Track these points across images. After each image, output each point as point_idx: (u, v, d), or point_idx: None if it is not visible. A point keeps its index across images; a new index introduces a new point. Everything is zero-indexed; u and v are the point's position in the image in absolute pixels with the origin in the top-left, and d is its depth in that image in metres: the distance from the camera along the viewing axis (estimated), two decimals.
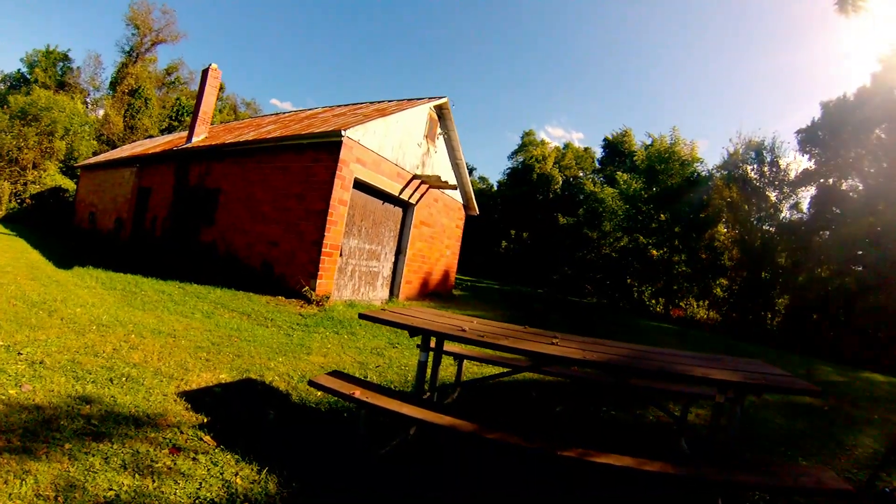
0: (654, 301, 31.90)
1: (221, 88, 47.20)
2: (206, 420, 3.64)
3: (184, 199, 14.41)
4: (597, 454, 3.01)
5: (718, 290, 31.25)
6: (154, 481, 2.72)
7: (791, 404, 6.84)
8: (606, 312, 22.77)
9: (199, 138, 16.35)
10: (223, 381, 4.60)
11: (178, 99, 45.36)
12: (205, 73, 16.74)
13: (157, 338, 5.65)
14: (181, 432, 3.36)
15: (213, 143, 14.43)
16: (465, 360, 5.46)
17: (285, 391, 4.67)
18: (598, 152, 57.66)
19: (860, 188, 26.51)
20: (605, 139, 55.14)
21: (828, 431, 5.99)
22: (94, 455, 2.85)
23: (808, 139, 28.47)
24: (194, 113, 17.05)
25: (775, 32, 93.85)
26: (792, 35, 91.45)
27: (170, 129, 39.01)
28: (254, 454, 3.21)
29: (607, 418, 5.35)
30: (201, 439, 3.32)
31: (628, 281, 34.20)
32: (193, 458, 3.04)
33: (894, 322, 22.16)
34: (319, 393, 4.51)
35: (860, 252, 24.78)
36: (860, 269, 24.89)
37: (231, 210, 12.59)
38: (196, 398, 4.05)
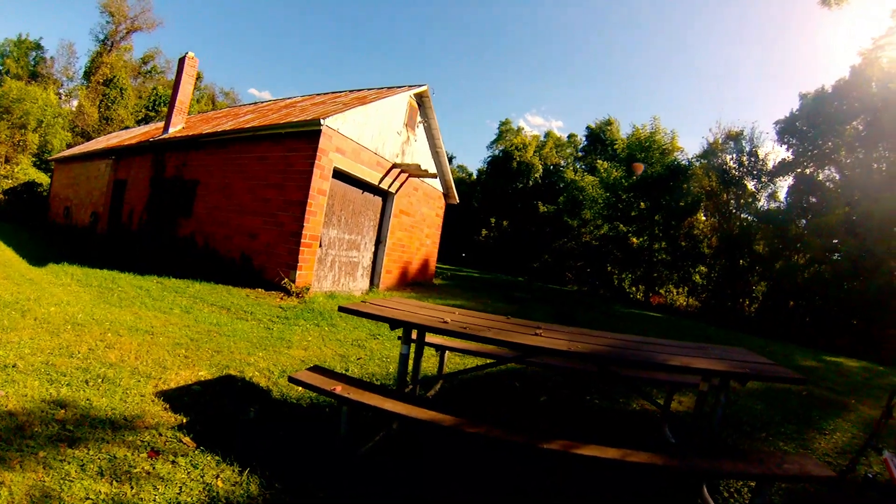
0: (634, 288, 32.24)
1: (199, 78, 46.51)
2: (185, 420, 3.58)
3: (161, 192, 14.19)
4: (581, 446, 3.01)
5: (698, 277, 31.72)
6: (132, 487, 2.66)
7: (771, 390, 6.94)
8: (587, 300, 22.88)
9: (175, 129, 16.09)
10: (202, 379, 4.53)
11: (154, 89, 44.40)
12: (181, 61, 16.45)
13: (135, 335, 5.54)
14: (160, 434, 3.29)
15: (191, 133, 14.20)
16: (447, 352, 5.45)
17: (266, 387, 4.61)
18: (582, 140, 57.74)
19: (837, 178, 27.14)
20: (588, 127, 55.24)
21: (807, 417, 6.09)
22: (69, 462, 2.77)
23: (787, 130, 29.10)
24: (171, 103, 16.75)
25: (757, 24, 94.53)
26: (773, 27, 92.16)
27: (146, 120, 38.17)
28: (235, 455, 3.17)
29: (592, 408, 5.37)
30: (181, 441, 3.26)
31: (609, 268, 34.53)
32: (173, 462, 2.98)
33: (868, 309, 22.57)
34: (301, 388, 4.46)
35: (836, 241, 25.24)
36: (836, 257, 25.37)
37: (209, 202, 12.42)
38: (175, 398, 3.98)
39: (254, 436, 3.55)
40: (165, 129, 16.24)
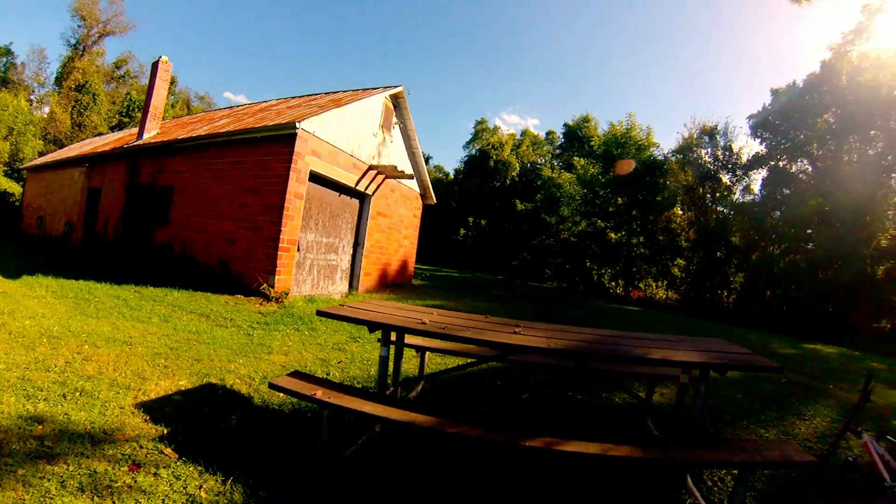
0: (613, 283, 32.55)
1: (173, 82, 45.95)
2: (166, 431, 3.56)
3: (136, 199, 14.02)
4: (564, 442, 3.04)
5: (676, 270, 32.17)
6: (114, 502, 2.64)
7: (751, 378, 7.09)
8: (567, 296, 23.06)
9: (150, 134, 15.90)
10: (183, 388, 4.50)
11: (128, 94, 43.81)
12: (155, 65, 16.24)
13: (113, 346, 5.48)
14: (140, 447, 3.27)
15: (165, 139, 14.04)
16: (427, 352, 5.46)
17: (247, 394, 4.60)
18: (560, 138, 58.10)
19: (809, 170, 27.79)
20: (566, 125, 55.63)
21: (787, 403, 6.23)
22: (49, 479, 2.75)
23: (760, 124, 29.89)
24: (145, 108, 16.54)
25: (730, 20, 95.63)
26: (745, 23, 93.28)
27: (120, 126, 37.58)
28: (218, 464, 3.15)
29: (574, 403, 5.43)
30: (162, 452, 3.24)
31: (587, 264, 34.83)
32: (154, 474, 2.97)
33: (843, 297, 23.00)
34: (282, 394, 4.45)
35: (810, 231, 25.81)
36: (810, 246, 25.87)
37: (185, 208, 12.31)
38: (155, 408, 3.96)
39: (236, 444, 3.54)
40: (140, 135, 16.04)
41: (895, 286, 22.32)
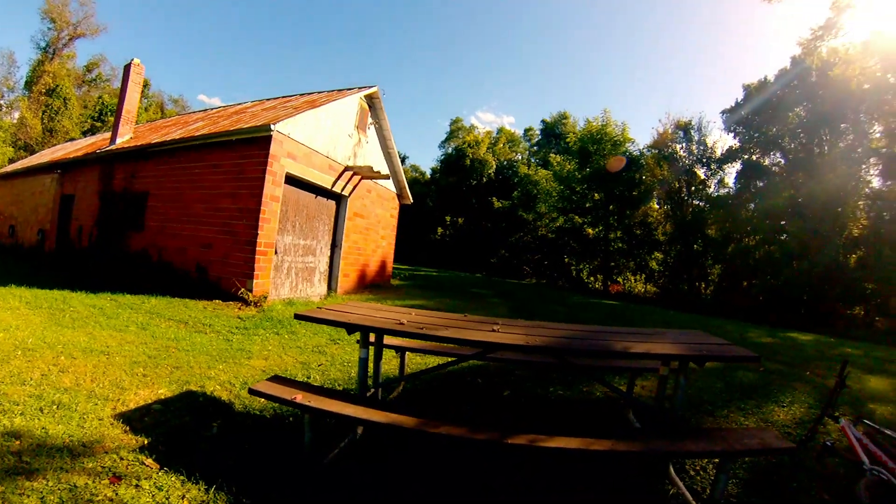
0: (592, 278, 32.93)
1: (146, 85, 45.30)
2: (146, 442, 3.53)
3: (111, 206, 13.81)
4: (546, 438, 3.07)
5: (654, 263, 32.63)
6: None
7: (729, 368, 7.21)
8: (546, 292, 23.19)
9: (123, 139, 15.66)
10: (162, 397, 4.46)
11: (100, 98, 43.04)
12: (127, 68, 15.96)
13: (90, 357, 5.41)
14: (121, 458, 3.24)
15: (139, 143, 13.85)
16: (407, 353, 5.47)
17: (228, 400, 4.58)
18: (538, 135, 58.55)
19: (782, 163, 28.52)
20: (543, 121, 56.25)
21: (765, 391, 6.36)
22: (28, 496, 2.71)
23: (733, 118, 30.80)
24: (117, 112, 16.26)
25: (703, 17, 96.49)
26: (718, 20, 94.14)
27: (93, 131, 36.94)
28: (200, 473, 3.14)
29: (556, 398, 5.48)
30: (143, 463, 3.21)
31: (566, 260, 35.23)
32: (136, 486, 2.94)
33: (817, 285, 23.44)
34: (263, 399, 4.44)
35: (783, 222, 26.38)
36: (784, 237, 26.38)
37: (161, 213, 12.18)
38: (134, 419, 3.92)
39: (218, 452, 3.52)
40: (113, 139, 15.79)
41: (867, 274, 22.80)
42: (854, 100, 24.02)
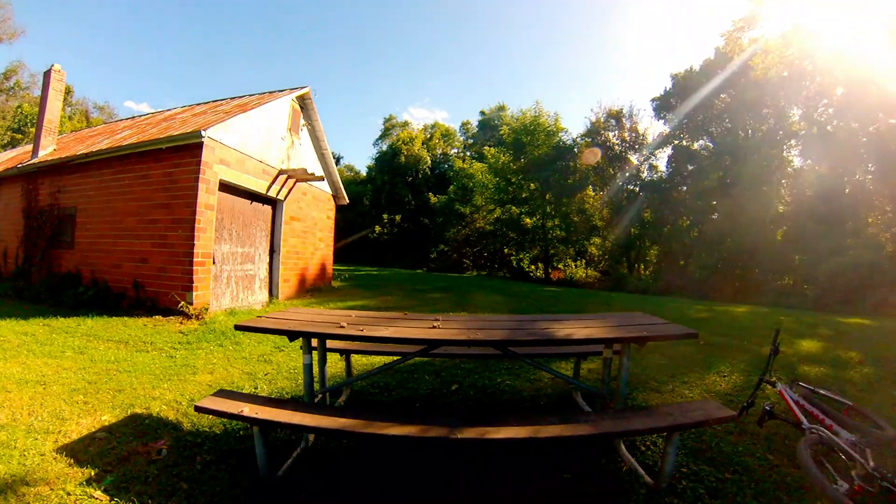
0: (533, 266, 33.49)
1: (69, 92, 43.28)
2: (93, 473, 3.43)
3: (37, 224, 13.07)
4: (495, 430, 3.14)
5: (593, 248, 33.49)
6: None
7: (671, 344, 7.44)
8: (487, 284, 23.42)
9: (46, 151, 14.93)
10: (106, 424, 4.34)
11: (19, 107, 40.66)
12: (47, 75, 15.16)
13: (25, 389, 5.17)
14: (68, 494, 3.14)
15: (63, 155, 13.19)
16: (352, 355, 5.48)
17: (176, 420, 4.50)
18: (475, 128, 59.03)
19: (710, 146, 29.85)
20: (482, 113, 56.64)
21: (706, 363, 6.67)
22: None
23: (662, 106, 31.98)
24: (38, 122, 15.43)
25: (632, 9, 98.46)
26: (646, 12, 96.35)
27: (13, 144, 34.95)
28: (152, 500, 3.10)
29: (505, 388, 5.57)
30: (92, 496, 3.13)
31: (505, 251, 35.67)
32: None
33: (748, 260, 24.55)
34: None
35: (714, 202, 27.48)
36: (715, 217, 27.49)
37: (92, 229, 11.71)
38: (79, 450, 3.80)
39: (170, 476, 3.47)
40: (35, 152, 15.01)
41: (793, 247, 24.00)
42: (774, 86, 25.42)
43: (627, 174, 33.66)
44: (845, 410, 4.53)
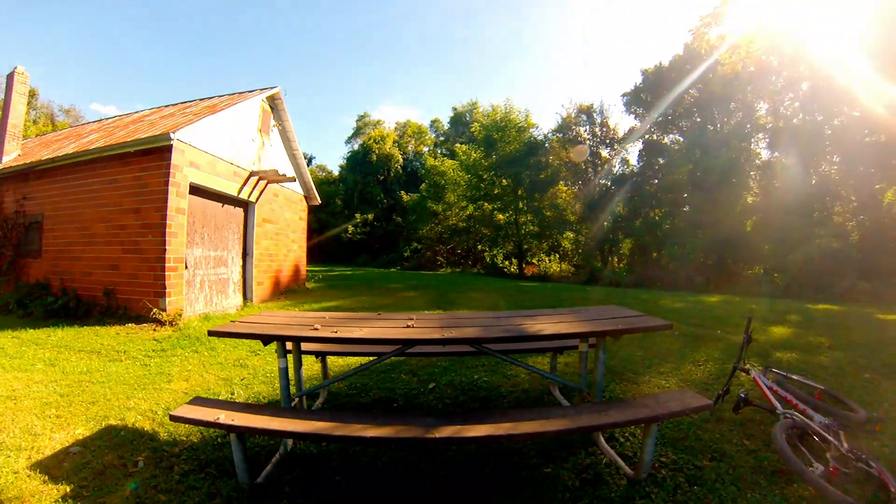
0: (507, 262, 33.69)
1: (33, 95, 42.27)
2: (69, 489, 3.37)
3: (2, 233, 12.69)
4: (472, 427, 3.14)
5: (567, 243, 33.74)
6: None
7: (647, 336, 7.58)
8: (462, 280, 23.52)
9: (10, 157, 14.54)
10: (80, 438, 4.26)
11: None
12: (10, 77, 14.75)
13: None
14: None
15: (28, 161, 12.86)
16: (328, 356, 5.44)
17: (152, 430, 4.43)
18: (446, 125, 59.15)
19: (680, 140, 30.35)
20: (454, 109, 56.77)
21: (682, 353, 6.79)
22: None
23: (633, 101, 32.54)
24: (1, 127, 14.96)
25: (603, 5, 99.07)
26: (617, 9, 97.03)
27: None
28: None
29: (482, 385, 5.60)
30: None
31: (479, 247, 35.86)
32: None
33: (719, 250, 25.01)
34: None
35: (685, 195, 27.93)
36: (686, 209, 27.96)
37: (60, 236, 11.47)
38: (53, 466, 3.73)
39: (147, 488, 3.42)
40: None
41: (763, 237, 24.50)
42: (741, 81, 26.28)
43: (599, 168, 34.05)
44: (817, 394, 4.67)
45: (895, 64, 18.30)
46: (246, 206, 13.59)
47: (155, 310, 9.63)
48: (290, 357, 4.11)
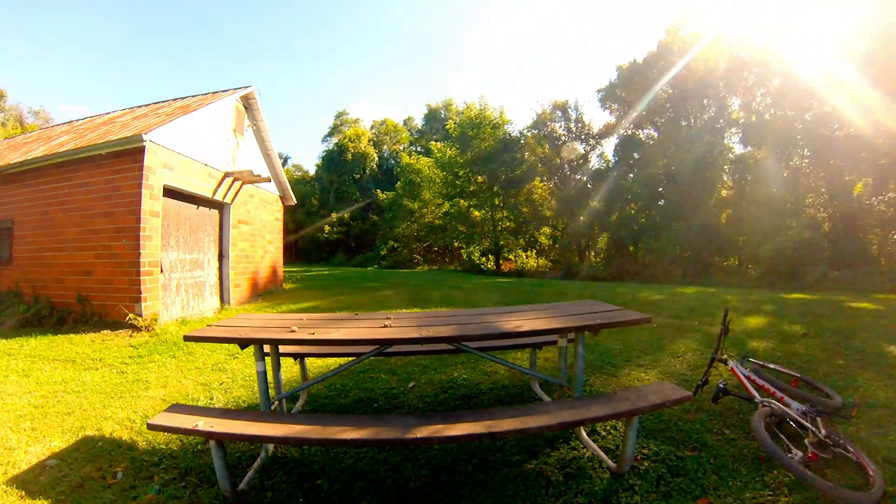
0: (484, 259, 33.79)
1: (1, 97, 41.57)
2: None
3: None
4: (453, 426, 3.13)
5: (543, 238, 33.96)
6: None
7: (626, 329, 7.67)
8: (439, 278, 23.58)
9: None
10: (57, 450, 4.17)
11: None
12: None
13: None
14: None
15: None
16: (307, 358, 5.40)
17: (130, 440, 4.36)
18: (420, 123, 59.30)
19: (655, 135, 30.81)
20: (428, 106, 56.89)
21: (660, 345, 6.90)
22: None
23: (608, 97, 33.00)
24: None
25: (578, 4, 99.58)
26: (592, 7, 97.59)
27: None
28: None
29: (462, 382, 5.62)
30: None
31: (455, 244, 35.99)
32: None
33: (695, 243, 25.37)
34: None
35: (660, 189, 28.35)
36: (662, 203, 28.37)
37: (31, 242, 11.22)
38: (29, 480, 3.65)
39: (126, 499, 3.38)
40: None
41: (737, 229, 24.98)
42: (714, 77, 26.79)
43: (575, 164, 34.28)
44: (794, 382, 4.77)
45: (866, 62, 18.77)
46: (221, 207, 13.44)
47: (130, 315, 9.48)
48: (268, 360, 4.06)
